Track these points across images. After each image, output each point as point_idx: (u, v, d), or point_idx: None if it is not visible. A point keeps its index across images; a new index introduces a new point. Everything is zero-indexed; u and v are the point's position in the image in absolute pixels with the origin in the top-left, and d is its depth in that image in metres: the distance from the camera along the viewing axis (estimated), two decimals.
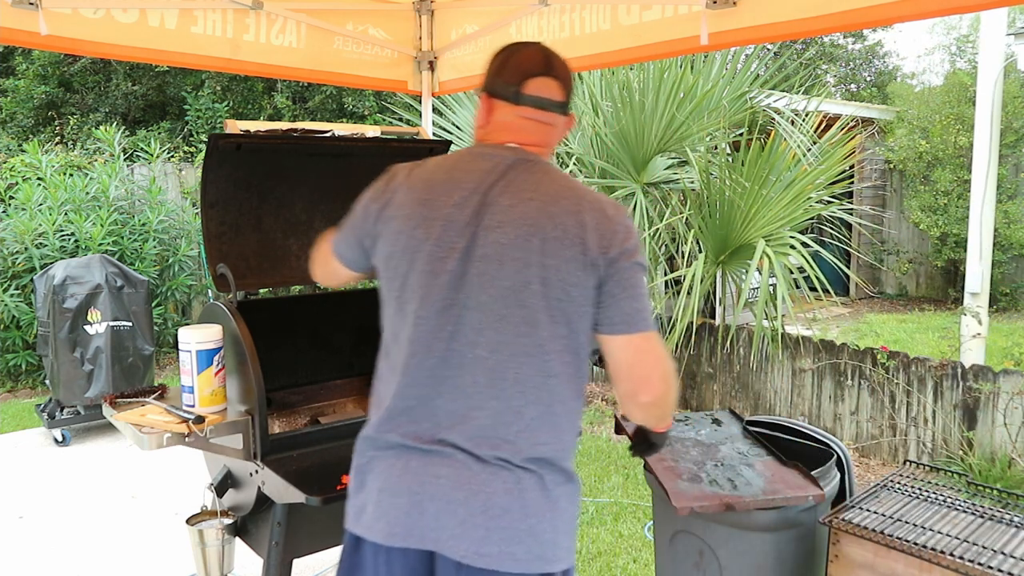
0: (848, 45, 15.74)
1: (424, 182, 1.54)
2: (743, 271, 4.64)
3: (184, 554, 3.50)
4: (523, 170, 1.51)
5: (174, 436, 2.10)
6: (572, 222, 1.45)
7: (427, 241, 1.48)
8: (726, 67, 5.04)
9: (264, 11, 2.93)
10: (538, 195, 1.48)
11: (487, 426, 1.46)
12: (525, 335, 1.45)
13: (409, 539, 1.48)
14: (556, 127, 1.59)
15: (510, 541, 1.44)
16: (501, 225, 1.46)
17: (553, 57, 1.59)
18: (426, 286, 1.48)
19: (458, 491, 1.45)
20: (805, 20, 2.11)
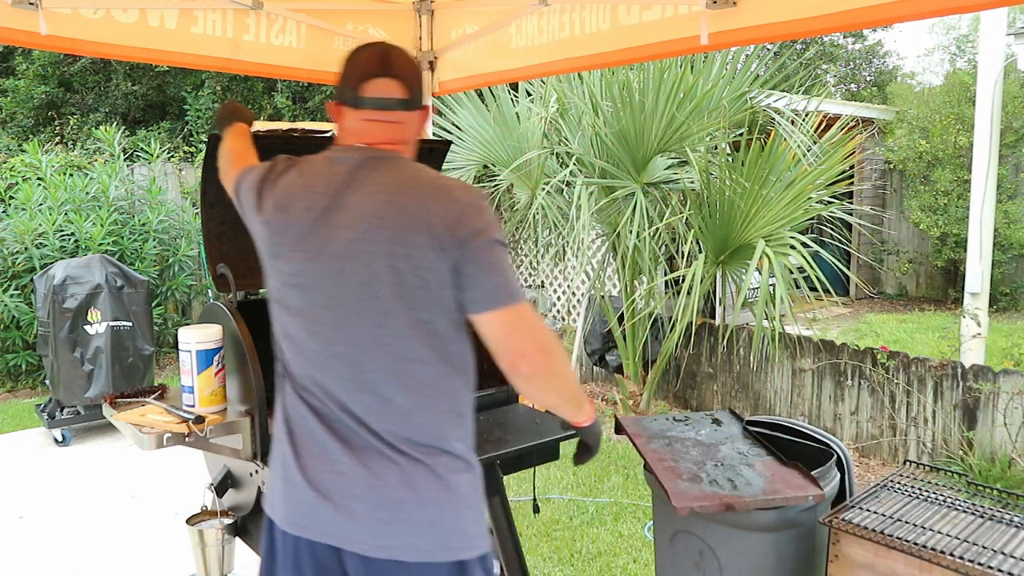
0: (848, 45, 15.74)
1: (284, 188, 1.60)
2: (743, 271, 4.64)
3: (184, 554, 3.50)
4: (371, 168, 1.54)
5: (174, 436, 2.10)
6: (417, 209, 1.46)
7: (284, 246, 1.56)
8: (726, 67, 5.04)
9: (264, 11, 2.93)
10: (384, 188, 1.50)
11: (366, 419, 1.49)
12: (382, 325, 1.48)
13: (311, 532, 1.52)
14: (405, 124, 1.60)
15: (411, 533, 1.47)
16: (350, 222, 1.49)
17: (393, 56, 1.60)
18: (287, 288, 1.56)
19: (354, 487, 1.48)
20: (805, 20, 2.10)
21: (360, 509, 1.48)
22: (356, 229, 1.49)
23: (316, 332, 1.53)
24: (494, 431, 2.34)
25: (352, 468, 1.49)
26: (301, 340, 1.55)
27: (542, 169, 5.38)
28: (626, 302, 5.26)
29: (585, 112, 5.07)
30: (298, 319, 1.55)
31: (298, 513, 1.53)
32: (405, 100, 1.58)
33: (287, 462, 1.56)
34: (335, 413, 1.51)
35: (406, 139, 1.62)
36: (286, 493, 1.55)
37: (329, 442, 1.51)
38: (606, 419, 5.78)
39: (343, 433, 1.51)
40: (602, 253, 6.36)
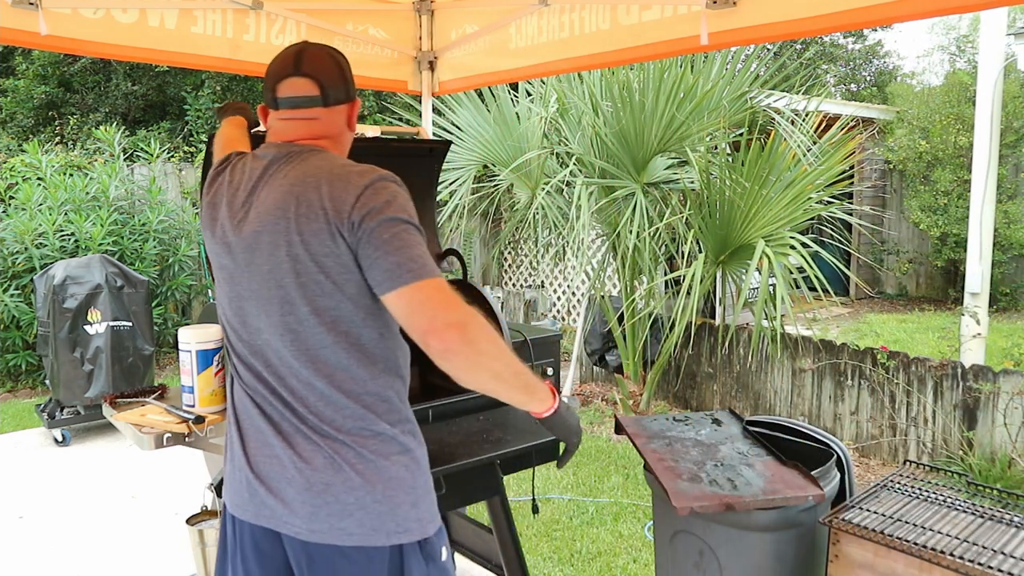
0: (848, 45, 15.74)
1: (216, 187, 1.67)
2: (743, 271, 4.64)
3: (184, 554, 3.50)
4: (283, 162, 1.57)
5: (174, 436, 2.10)
6: (314, 195, 1.47)
7: (213, 241, 1.63)
8: (726, 67, 5.04)
9: (264, 11, 2.93)
10: (288, 180, 1.52)
11: (292, 404, 1.52)
12: (289, 314, 1.50)
13: (252, 515, 1.56)
14: (323, 120, 1.62)
15: (339, 516, 1.47)
16: (257, 216, 1.53)
17: (306, 54, 1.62)
18: (220, 281, 1.63)
19: (286, 470, 1.51)
20: (805, 20, 2.11)
21: (290, 492, 1.50)
22: (261, 222, 1.52)
23: (244, 322, 1.57)
24: (494, 431, 2.34)
25: (284, 452, 1.51)
26: (235, 329, 1.60)
27: (542, 169, 5.38)
28: (626, 302, 5.26)
29: (585, 112, 5.07)
30: (230, 310, 1.61)
31: (240, 496, 1.58)
32: (317, 97, 1.60)
33: (233, 446, 1.60)
34: (268, 399, 1.55)
35: (327, 134, 1.64)
36: (231, 476, 1.60)
37: (264, 427, 1.54)
38: (606, 419, 5.78)
39: (275, 418, 1.54)
40: (602, 253, 6.37)
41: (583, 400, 6.27)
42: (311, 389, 1.51)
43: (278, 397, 1.53)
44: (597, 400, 6.24)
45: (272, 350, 1.53)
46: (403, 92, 3.57)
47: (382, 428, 1.51)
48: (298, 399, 1.51)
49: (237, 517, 1.60)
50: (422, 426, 1.74)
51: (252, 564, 1.59)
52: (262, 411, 1.55)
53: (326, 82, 1.61)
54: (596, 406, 6.09)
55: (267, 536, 1.56)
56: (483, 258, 9.69)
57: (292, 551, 1.54)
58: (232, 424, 1.62)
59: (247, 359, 1.58)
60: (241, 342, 1.59)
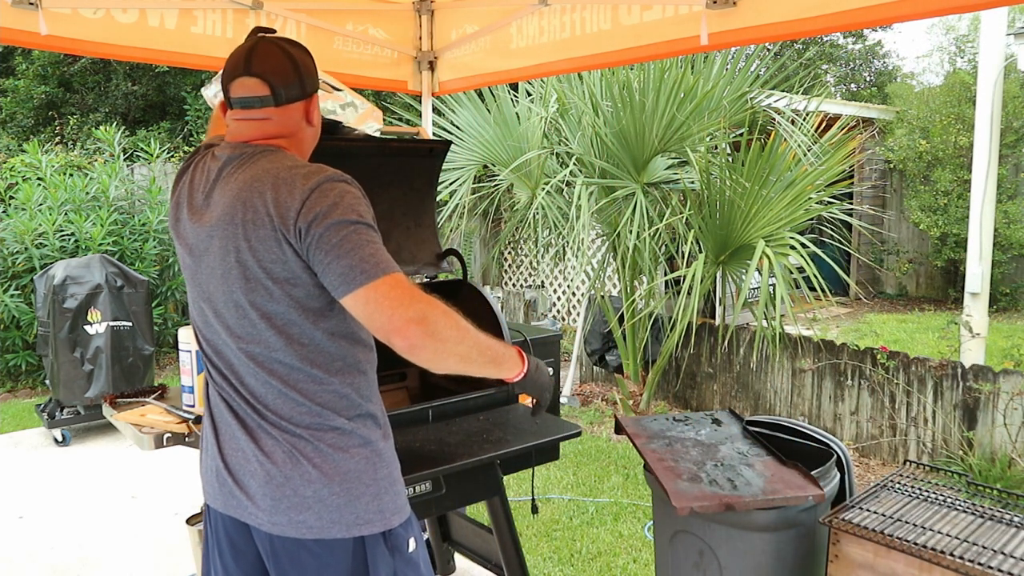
0: (848, 45, 15.74)
1: (179, 187, 1.67)
2: (743, 271, 4.64)
3: (184, 554, 3.50)
4: (236, 164, 1.56)
5: (174, 436, 2.10)
6: (259, 201, 1.47)
7: (178, 241, 1.65)
8: (726, 67, 5.04)
9: (264, 11, 2.93)
10: (238, 184, 1.52)
11: (252, 400, 1.54)
12: (242, 317, 1.52)
13: (219, 505, 1.60)
14: (275, 119, 1.59)
15: (298, 509, 1.49)
16: (210, 219, 1.54)
17: (256, 54, 1.58)
18: (187, 281, 1.65)
19: (249, 463, 1.53)
20: (805, 20, 2.11)
21: (253, 485, 1.52)
22: (213, 226, 1.53)
23: (206, 322, 1.59)
24: (494, 431, 2.33)
25: (248, 446, 1.54)
26: (200, 328, 1.63)
27: (542, 169, 5.38)
28: (626, 302, 5.26)
29: (585, 112, 5.07)
30: (194, 309, 1.63)
31: (211, 486, 1.61)
32: (268, 97, 1.57)
33: (207, 438, 1.63)
34: (232, 395, 1.57)
35: (282, 133, 1.61)
36: (205, 466, 1.63)
37: (232, 421, 1.57)
38: (606, 419, 5.78)
39: (240, 414, 1.56)
40: (602, 253, 6.37)
41: (583, 400, 6.27)
42: (268, 387, 1.53)
43: (239, 394, 1.55)
44: (597, 400, 6.24)
45: (231, 350, 1.55)
46: (403, 92, 3.57)
47: (340, 423, 1.52)
48: (256, 397, 1.54)
49: (211, 507, 1.64)
50: (422, 426, 1.74)
51: (228, 556, 1.63)
52: (229, 406, 1.58)
53: (277, 81, 1.57)
54: (596, 406, 6.09)
55: (238, 527, 1.59)
56: (483, 258, 9.69)
57: (260, 543, 1.56)
58: (207, 416, 1.65)
59: (212, 357, 1.60)
60: (206, 341, 1.61)
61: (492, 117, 5.58)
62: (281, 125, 1.60)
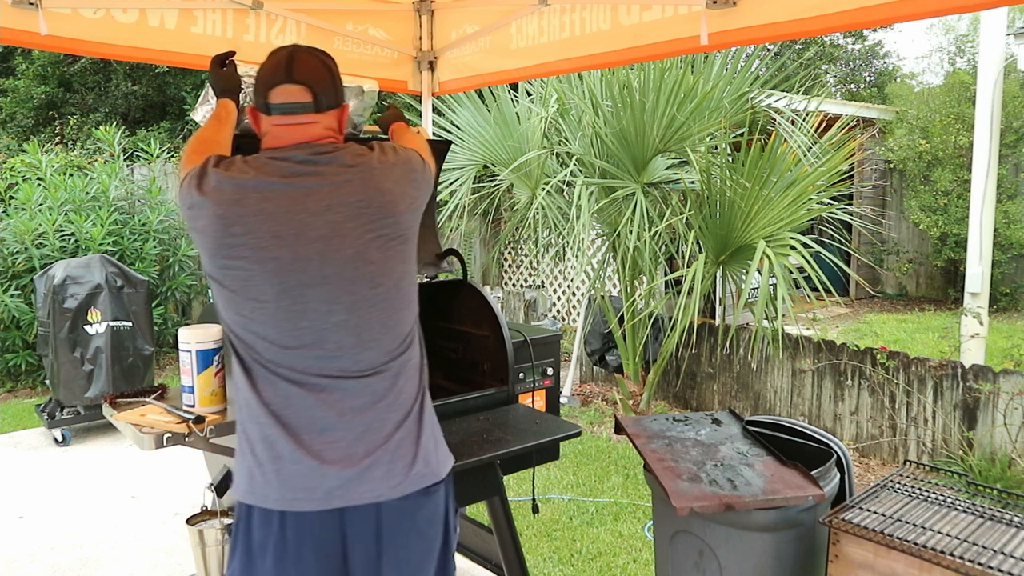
0: (848, 45, 15.74)
1: (241, 195, 1.62)
2: (743, 271, 4.64)
3: (184, 554, 3.50)
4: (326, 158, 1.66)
5: (174, 436, 2.10)
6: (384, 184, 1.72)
7: (261, 238, 1.62)
8: (726, 67, 5.03)
9: (264, 11, 2.93)
10: (349, 174, 1.64)
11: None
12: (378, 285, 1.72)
13: (312, 503, 1.62)
14: (318, 123, 1.67)
15: (410, 465, 1.67)
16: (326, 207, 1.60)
17: (297, 61, 1.66)
18: (261, 281, 1.62)
19: (357, 444, 1.66)
20: (805, 20, 2.11)
21: (368, 461, 1.59)
22: (335, 212, 1.60)
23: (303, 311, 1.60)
24: (494, 431, 2.34)
25: (349, 426, 1.60)
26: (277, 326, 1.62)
27: (542, 169, 5.38)
28: (626, 302, 5.26)
29: (585, 112, 5.07)
30: (277, 304, 1.59)
31: (297, 488, 1.57)
32: (310, 104, 1.65)
33: (276, 443, 1.59)
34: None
35: (330, 134, 1.69)
36: (279, 472, 1.58)
37: (323, 412, 1.60)
38: (606, 419, 5.78)
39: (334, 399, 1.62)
40: (602, 253, 6.37)
41: (583, 400, 6.27)
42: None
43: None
44: (597, 400, 6.24)
45: (348, 327, 1.65)
46: (403, 92, 3.57)
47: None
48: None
49: (290, 512, 1.58)
50: None
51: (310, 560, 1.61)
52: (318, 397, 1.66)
53: (318, 88, 1.66)
54: (596, 406, 6.09)
55: (328, 519, 1.59)
56: (483, 258, 9.68)
57: (362, 520, 1.61)
58: (268, 422, 1.60)
59: (293, 350, 1.64)
60: (279, 339, 1.63)
61: (492, 117, 5.58)
62: (325, 127, 1.67)
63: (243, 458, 1.63)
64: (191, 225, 1.61)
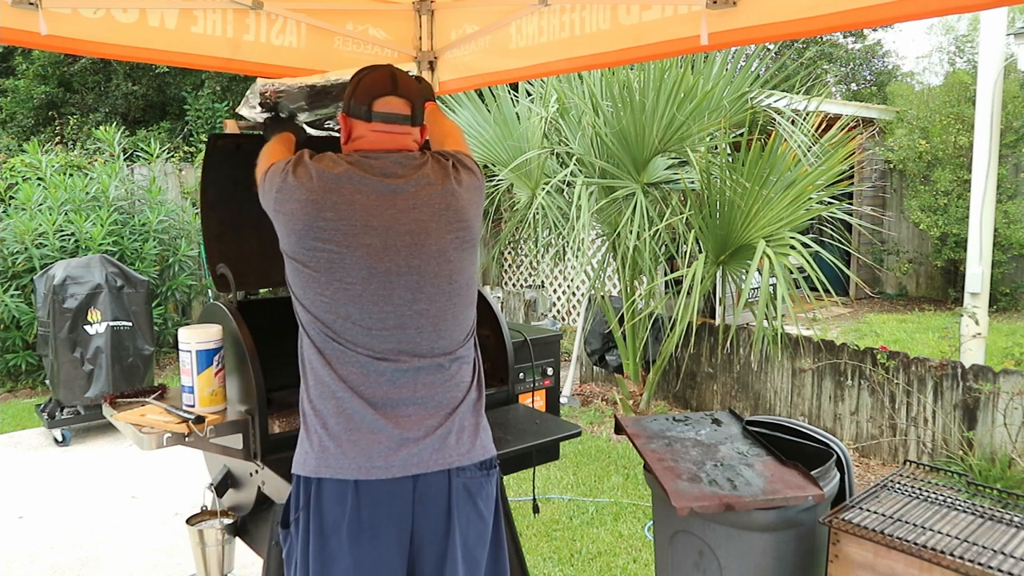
0: (848, 45, 15.74)
1: (337, 187, 1.79)
2: (743, 271, 4.63)
3: (184, 554, 3.50)
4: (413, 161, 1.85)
5: (174, 436, 2.10)
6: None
7: (355, 228, 1.77)
8: (726, 67, 5.03)
9: (264, 11, 2.93)
10: (431, 179, 1.81)
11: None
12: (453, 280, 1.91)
13: (391, 471, 1.73)
14: (410, 134, 1.87)
15: (476, 438, 1.85)
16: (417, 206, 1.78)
17: (401, 78, 1.88)
18: (357, 268, 1.77)
19: (430, 417, 1.80)
20: (805, 20, 2.10)
21: (441, 431, 1.73)
22: (421, 212, 1.77)
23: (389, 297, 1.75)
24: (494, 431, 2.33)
25: (423, 400, 1.74)
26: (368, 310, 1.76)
27: (542, 169, 5.38)
28: (626, 302, 5.26)
29: (585, 112, 5.07)
30: (365, 287, 1.73)
31: (375, 455, 1.68)
32: (408, 116, 1.85)
33: (355, 415, 1.70)
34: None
35: (414, 146, 1.88)
36: (357, 443, 1.68)
37: (399, 388, 1.74)
38: (606, 419, 5.78)
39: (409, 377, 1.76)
40: (602, 253, 6.37)
41: (583, 400, 6.27)
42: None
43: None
44: (597, 400, 6.24)
45: (429, 317, 1.81)
46: None
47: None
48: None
49: (363, 480, 1.68)
50: None
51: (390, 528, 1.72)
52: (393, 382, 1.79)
53: (416, 104, 1.87)
54: (596, 406, 6.09)
55: (403, 484, 1.70)
56: (483, 258, 9.69)
57: (435, 485, 1.73)
58: (347, 395, 1.72)
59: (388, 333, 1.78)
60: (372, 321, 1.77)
61: (492, 117, 5.58)
62: (411, 141, 1.86)
63: (314, 435, 1.72)
64: (277, 208, 1.75)
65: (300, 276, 1.75)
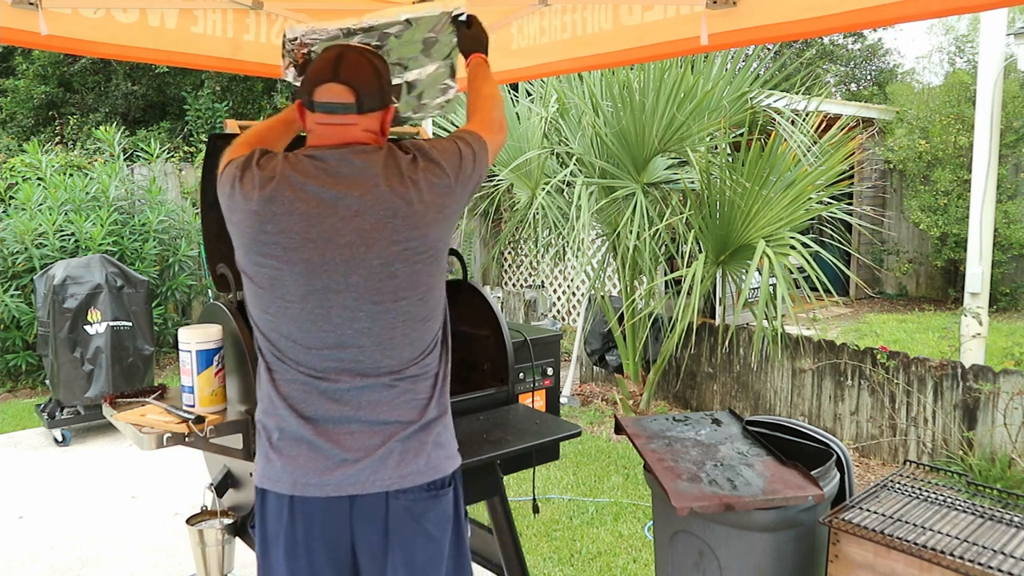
0: (848, 45, 15.74)
1: (278, 191, 1.67)
2: (743, 271, 4.64)
3: (184, 554, 3.50)
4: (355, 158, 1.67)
5: (174, 436, 2.10)
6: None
7: (294, 239, 1.65)
8: (726, 67, 5.03)
9: (264, 11, 2.93)
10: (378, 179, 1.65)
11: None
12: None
13: (325, 489, 1.67)
14: (357, 124, 1.65)
15: (419, 458, 1.74)
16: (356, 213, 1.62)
17: (345, 60, 1.65)
18: (292, 282, 1.66)
19: (370, 438, 1.70)
20: (805, 20, 2.10)
21: (381, 452, 1.63)
22: (363, 220, 1.60)
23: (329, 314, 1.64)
24: (494, 431, 2.33)
25: (366, 419, 1.63)
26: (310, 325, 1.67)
27: (542, 169, 5.38)
28: (626, 302, 5.26)
29: (585, 112, 5.07)
30: (303, 306, 1.62)
31: (310, 474, 1.62)
32: (352, 104, 1.64)
33: (294, 433, 1.64)
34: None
35: (370, 137, 1.67)
36: (296, 459, 1.64)
37: (341, 407, 1.65)
38: (606, 419, 5.78)
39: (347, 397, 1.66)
40: (602, 253, 6.36)
41: (583, 400, 6.27)
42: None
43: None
44: (597, 400, 6.24)
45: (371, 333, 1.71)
46: None
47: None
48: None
49: (298, 496, 1.64)
50: None
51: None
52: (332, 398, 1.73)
53: (362, 89, 1.64)
54: (596, 406, 6.09)
55: (339, 504, 1.65)
56: (483, 258, 9.68)
57: (371, 507, 1.67)
58: (285, 413, 1.67)
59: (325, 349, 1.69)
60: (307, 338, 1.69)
61: None
62: (364, 131, 1.66)
63: (261, 444, 1.69)
64: (228, 217, 1.65)
65: (249, 291, 1.66)
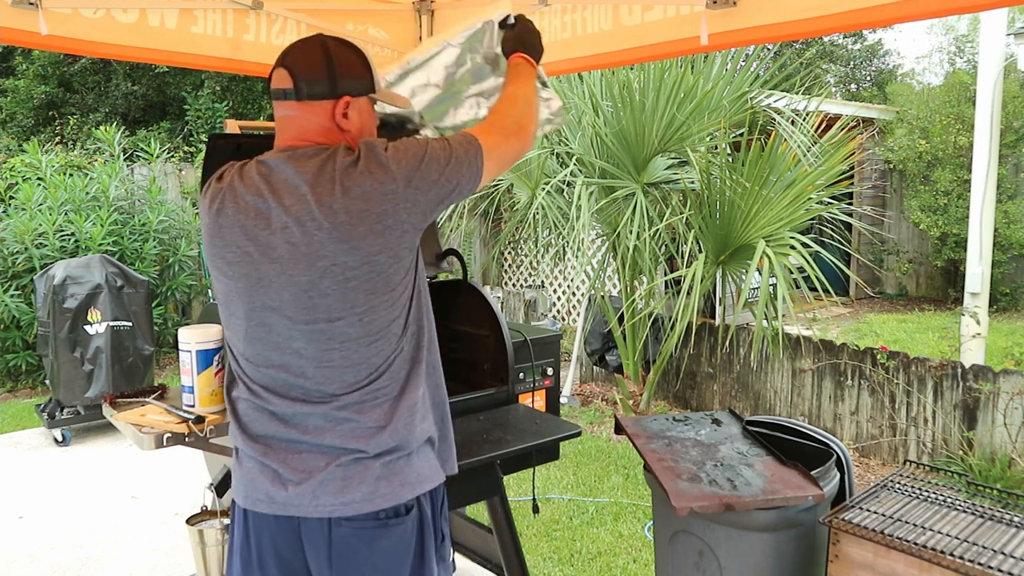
0: (848, 45, 15.74)
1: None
2: (743, 271, 4.64)
3: (184, 554, 3.50)
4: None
5: (174, 436, 2.10)
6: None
7: (251, 255, 1.60)
8: (726, 67, 5.03)
9: (264, 11, 2.93)
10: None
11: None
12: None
13: (272, 507, 1.63)
14: (298, 114, 1.52)
15: (363, 485, 1.61)
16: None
17: (297, 46, 1.56)
18: (249, 290, 1.60)
19: (316, 459, 1.63)
20: (805, 20, 2.10)
21: (322, 476, 1.53)
22: (291, 232, 1.50)
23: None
24: (494, 431, 2.33)
25: (312, 442, 1.55)
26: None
27: (542, 169, 5.38)
28: (626, 302, 5.26)
29: (585, 112, 5.07)
30: (247, 323, 1.57)
31: (259, 490, 1.58)
32: (290, 90, 1.51)
33: (245, 450, 1.62)
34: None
35: (310, 137, 1.53)
36: (248, 472, 1.61)
37: (286, 429, 1.58)
38: (606, 419, 5.78)
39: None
40: (602, 253, 6.37)
41: (583, 400, 6.27)
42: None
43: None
44: (597, 400, 6.24)
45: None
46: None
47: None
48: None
49: (252, 511, 1.63)
50: None
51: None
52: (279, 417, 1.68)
53: (300, 74, 1.51)
54: (596, 406, 6.09)
55: (286, 524, 1.61)
56: (483, 258, 9.68)
57: (316, 532, 1.62)
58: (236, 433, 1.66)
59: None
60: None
61: None
62: (306, 123, 1.52)
63: (233, 453, 1.69)
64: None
65: (218, 306, 1.63)
